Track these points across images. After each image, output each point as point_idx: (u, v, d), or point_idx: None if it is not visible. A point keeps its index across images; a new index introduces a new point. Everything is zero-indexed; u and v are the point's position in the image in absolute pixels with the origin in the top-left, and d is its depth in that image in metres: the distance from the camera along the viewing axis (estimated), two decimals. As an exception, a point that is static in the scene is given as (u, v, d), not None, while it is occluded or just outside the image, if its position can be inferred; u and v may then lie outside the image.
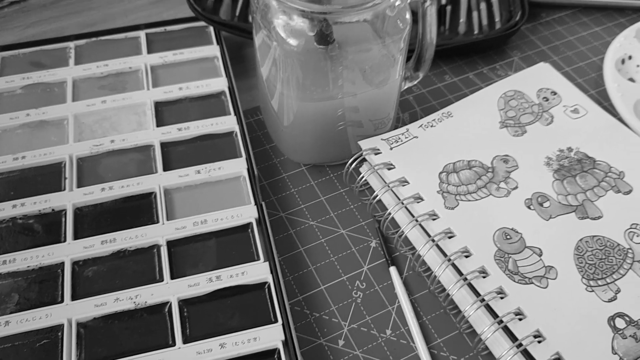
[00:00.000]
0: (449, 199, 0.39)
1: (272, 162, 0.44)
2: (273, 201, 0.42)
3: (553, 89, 0.46)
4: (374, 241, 0.40)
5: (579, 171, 0.41)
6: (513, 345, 0.33)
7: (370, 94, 0.40)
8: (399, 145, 0.42)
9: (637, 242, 0.38)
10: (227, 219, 0.39)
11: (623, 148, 0.43)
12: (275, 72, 0.38)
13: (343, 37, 0.36)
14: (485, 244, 0.37)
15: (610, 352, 0.33)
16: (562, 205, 0.39)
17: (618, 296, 0.36)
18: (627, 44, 0.51)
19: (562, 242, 0.38)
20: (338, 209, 0.42)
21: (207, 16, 0.48)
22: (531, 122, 0.44)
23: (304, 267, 0.39)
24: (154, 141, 0.43)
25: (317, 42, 0.36)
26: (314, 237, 0.40)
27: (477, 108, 0.45)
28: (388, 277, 0.38)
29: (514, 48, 0.52)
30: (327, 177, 0.43)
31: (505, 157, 0.42)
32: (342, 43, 0.36)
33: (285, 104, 0.39)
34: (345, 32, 0.36)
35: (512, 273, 0.36)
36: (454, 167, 0.41)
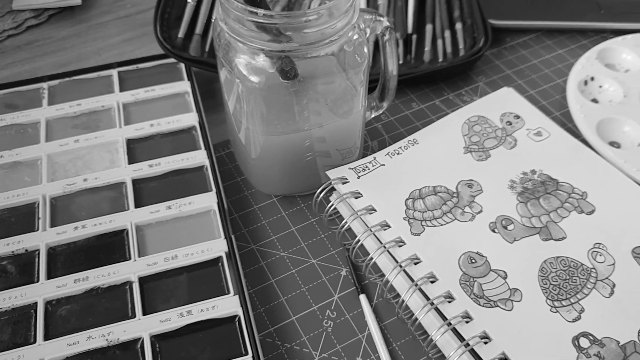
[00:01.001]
0: (415, 225, 0.40)
1: (243, 194, 0.45)
2: (244, 233, 0.42)
3: (516, 113, 0.47)
4: (344, 270, 0.41)
5: (542, 193, 0.42)
6: (481, 368, 0.34)
7: (336, 124, 0.41)
8: (366, 173, 0.43)
9: (600, 261, 0.39)
10: (197, 254, 0.40)
11: (585, 169, 0.44)
12: (239, 107, 0.39)
13: (308, 70, 0.37)
14: (450, 268, 0.38)
15: (575, 372, 0.34)
16: (526, 227, 0.40)
17: (582, 315, 0.36)
18: (589, 65, 0.52)
19: (526, 264, 0.39)
20: (309, 238, 0.42)
21: (176, 53, 0.49)
22: (495, 146, 0.45)
23: (275, 298, 0.39)
24: (125, 178, 0.44)
25: (281, 77, 0.37)
26: (285, 268, 0.41)
27: (441, 134, 0.46)
28: (358, 305, 0.39)
29: (479, 73, 0.54)
30: (298, 207, 0.44)
31: (470, 181, 0.43)
32: (307, 76, 0.38)
33: (252, 137, 0.40)
34: (311, 65, 0.37)
35: (477, 297, 0.37)
36: (419, 193, 0.42)
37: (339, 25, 0.36)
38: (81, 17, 0.60)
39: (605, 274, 0.38)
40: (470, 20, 0.54)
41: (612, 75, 0.51)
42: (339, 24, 0.36)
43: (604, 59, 0.54)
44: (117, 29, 0.58)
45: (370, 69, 0.51)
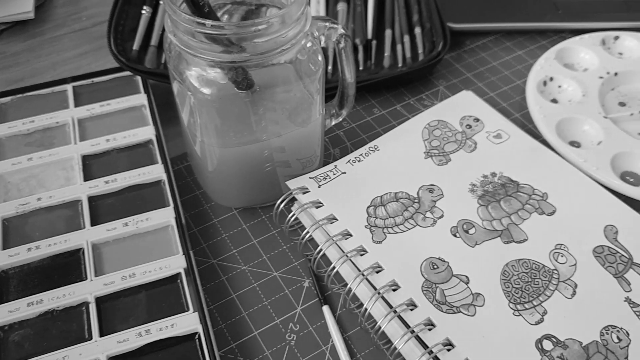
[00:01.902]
0: (377, 233, 0.40)
1: (202, 208, 0.44)
2: (204, 248, 0.42)
3: (476, 116, 0.47)
4: (307, 281, 0.40)
5: (503, 195, 0.42)
6: (445, 376, 0.34)
7: (295, 133, 0.40)
8: (327, 182, 0.42)
9: (562, 262, 0.39)
10: (155, 271, 0.39)
11: (545, 169, 0.44)
12: (193, 120, 0.38)
13: (265, 79, 0.37)
14: (412, 275, 0.38)
15: (538, 375, 0.34)
16: (487, 230, 0.40)
17: (545, 318, 0.36)
18: (547, 66, 0.53)
19: (488, 268, 0.38)
20: (270, 250, 0.42)
21: (131, 66, 0.48)
22: (455, 150, 0.45)
23: (236, 313, 0.38)
24: (81, 196, 0.43)
25: (236, 88, 0.37)
26: (247, 282, 0.40)
27: (402, 140, 0.46)
28: (322, 316, 0.38)
29: (439, 77, 0.54)
30: (259, 219, 0.43)
31: (431, 186, 0.43)
32: (264, 86, 0.37)
33: (208, 150, 0.39)
34: (268, 74, 0.37)
35: (439, 303, 0.36)
36: (381, 200, 0.42)
37: (290, 34, 0.35)
38: (34, 31, 0.58)
39: (567, 275, 0.38)
40: (429, 24, 0.54)
41: (571, 74, 0.52)
42: (291, 32, 0.35)
43: (563, 59, 0.54)
44: (73, 43, 0.57)
45: (325, 76, 0.51)
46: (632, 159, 0.46)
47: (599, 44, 0.54)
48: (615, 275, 0.38)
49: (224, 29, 0.33)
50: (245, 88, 0.37)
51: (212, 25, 0.33)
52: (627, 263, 0.39)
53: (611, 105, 0.51)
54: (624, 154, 0.46)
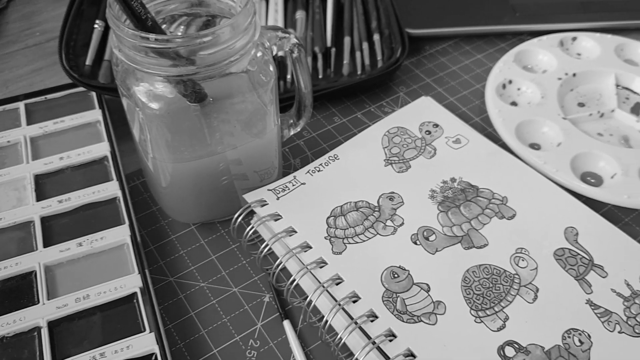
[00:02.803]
0: (337, 244, 0.39)
1: (159, 224, 0.43)
2: (161, 266, 0.41)
3: (435, 122, 0.47)
4: (268, 295, 0.39)
5: (462, 201, 0.42)
6: (406, 387, 0.33)
7: (251, 145, 0.40)
8: (286, 194, 0.42)
9: (522, 266, 0.38)
10: (110, 292, 0.37)
11: (505, 173, 0.44)
12: (143, 136, 0.37)
13: (218, 91, 0.36)
14: (373, 285, 0.37)
15: (501, 383, 0.34)
16: (448, 237, 0.40)
17: (507, 324, 0.36)
18: (506, 69, 0.53)
19: (449, 275, 0.38)
20: (230, 266, 0.41)
21: (84, 81, 0.47)
22: (415, 156, 0.45)
23: (195, 332, 0.37)
24: (33, 217, 0.41)
25: (188, 101, 0.36)
26: (205, 299, 0.39)
27: (362, 148, 0.45)
28: (282, 331, 0.37)
29: (399, 84, 0.53)
30: (217, 233, 0.42)
31: (391, 194, 0.42)
32: (218, 97, 0.36)
33: (160, 166, 0.38)
34: (220, 85, 0.36)
35: (400, 313, 0.36)
36: (341, 210, 0.41)
37: (239, 45, 0.34)
38: (-13, 48, 0.57)
39: (528, 279, 0.38)
40: (388, 31, 0.54)
41: (530, 77, 0.52)
42: (239, 43, 0.34)
43: (522, 61, 0.54)
44: (26, 59, 0.56)
45: (285, 86, 0.50)
46: (592, 160, 0.46)
47: (557, 45, 0.55)
48: (577, 277, 0.38)
49: (169, 43, 0.33)
50: (197, 101, 0.36)
51: (156, 39, 0.32)
52: (587, 265, 0.39)
53: (570, 106, 0.51)
54: (583, 154, 0.46)
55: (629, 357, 0.35)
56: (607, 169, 0.46)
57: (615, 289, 0.38)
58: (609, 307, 0.37)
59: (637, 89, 0.52)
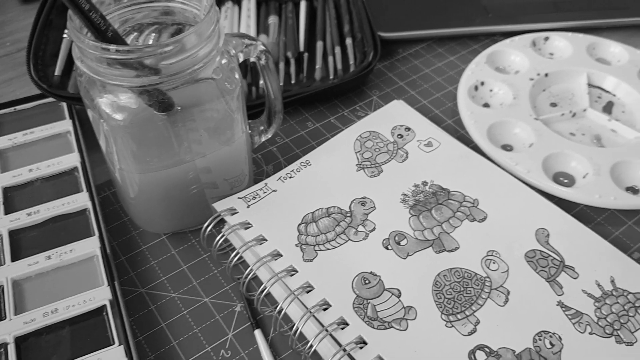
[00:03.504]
0: (308, 251, 0.39)
1: (130, 235, 0.43)
2: (132, 277, 0.40)
3: (407, 125, 0.47)
4: (239, 305, 0.39)
5: (434, 204, 0.42)
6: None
7: (219, 153, 0.39)
8: (257, 201, 0.41)
9: (493, 269, 0.38)
10: (79, 305, 0.37)
11: (476, 175, 0.44)
12: (109, 148, 0.37)
13: (185, 99, 0.36)
14: (343, 292, 0.37)
15: (471, 387, 0.33)
16: (419, 241, 0.40)
17: (478, 328, 0.36)
18: (478, 70, 0.53)
19: (420, 279, 0.38)
20: (201, 276, 0.40)
21: (54, 92, 0.47)
22: (387, 160, 0.45)
23: (166, 343, 0.37)
24: (1, 230, 0.41)
25: (155, 110, 0.36)
26: (176, 310, 0.39)
27: (334, 153, 0.45)
28: (254, 341, 0.37)
29: (372, 87, 0.53)
30: (189, 243, 0.42)
31: (363, 199, 0.42)
32: (185, 105, 0.36)
33: (127, 177, 0.38)
34: (187, 93, 0.36)
35: (371, 319, 0.36)
36: (312, 217, 0.41)
37: (202, 53, 0.34)
38: (-44, 59, 0.57)
39: (499, 282, 0.38)
40: (361, 35, 0.54)
41: (502, 78, 0.52)
42: (202, 51, 0.34)
43: (494, 63, 0.54)
44: (-4, 70, 0.56)
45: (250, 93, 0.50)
46: (564, 160, 0.46)
47: (530, 45, 0.55)
48: (548, 279, 0.38)
49: (131, 53, 0.32)
50: (164, 110, 0.36)
51: (117, 50, 0.32)
52: (559, 266, 0.39)
53: (543, 106, 0.51)
54: (555, 155, 0.46)
55: (599, 358, 0.35)
56: (578, 168, 0.46)
57: (586, 290, 0.38)
58: (580, 308, 0.37)
59: (609, 87, 0.52)
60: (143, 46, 0.33)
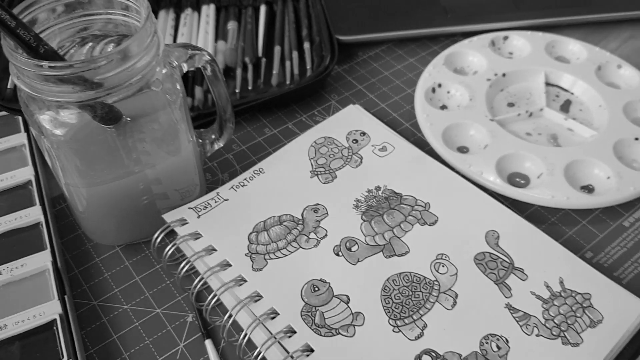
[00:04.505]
0: (258, 260, 0.39)
1: (84, 247, 0.43)
2: (85, 290, 0.40)
3: (362, 130, 0.47)
4: (191, 315, 0.39)
5: (386, 209, 0.42)
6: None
7: (168, 163, 0.39)
8: (208, 211, 0.41)
9: (442, 272, 0.39)
10: (29, 320, 0.37)
11: (428, 179, 0.44)
12: (53, 162, 0.37)
13: (130, 110, 0.36)
14: (292, 301, 0.37)
15: (416, 393, 0.34)
16: (370, 246, 0.40)
17: (425, 332, 0.36)
18: (435, 72, 0.53)
19: (369, 284, 0.38)
20: (154, 287, 0.40)
21: (7, 106, 0.47)
22: (341, 166, 0.45)
23: (117, 355, 0.37)
24: (-47, 246, 0.41)
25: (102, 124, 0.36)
26: (128, 322, 0.39)
27: (288, 160, 0.45)
28: (205, 351, 0.37)
29: (331, 92, 0.53)
30: (142, 254, 0.42)
31: (316, 206, 0.42)
32: (131, 116, 0.36)
33: (74, 192, 0.38)
34: (133, 105, 0.36)
35: (318, 327, 0.36)
36: (264, 226, 0.41)
37: (140, 65, 0.34)
38: None
39: (447, 285, 0.38)
40: (319, 38, 0.54)
41: (458, 79, 0.52)
42: (140, 63, 0.34)
43: (452, 64, 0.54)
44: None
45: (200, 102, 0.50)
46: (519, 160, 0.46)
47: (488, 45, 0.55)
48: (496, 281, 0.38)
49: (64, 69, 0.32)
50: (111, 122, 0.36)
51: (50, 66, 0.32)
52: (508, 268, 0.39)
53: (500, 106, 0.51)
54: (509, 156, 0.46)
55: (546, 359, 0.35)
56: (532, 169, 0.46)
57: (534, 292, 0.38)
58: (528, 310, 0.37)
59: (566, 86, 0.52)
60: (76, 61, 0.33)
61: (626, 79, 0.53)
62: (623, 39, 0.58)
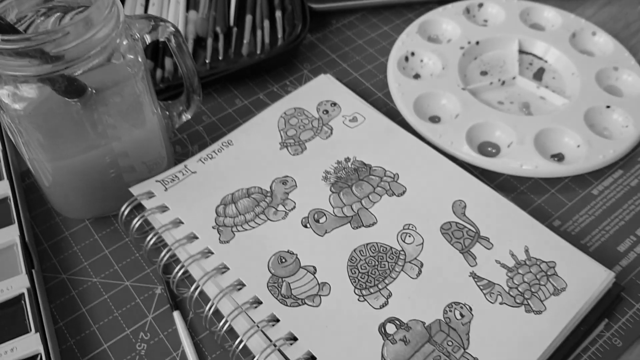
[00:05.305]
0: (225, 233, 0.39)
1: (53, 221, 0.43)
2: (54, 263, 0.40)
3: (333, 100, 0.47)
4: (160, 287, 0.39)
5: (355, 181, 0.42)
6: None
7: (134, 135, 0.39)
8: (175, 184, 0.41)
9: (409, 242, 0.39)
10: (-3, 294, 0.38)
11: (398, 150, 0.44)
12: (15, 138, 0.37)
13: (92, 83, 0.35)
14: (258, 272, 0.37)
15: (380, 360, 0.34)
16: (338, 217, 0.40)
17: (389, 301, 0.36)
18: (409, 40, 0.52)
19: (336, 255, 0.38)
20: (123, 260, 0.41)
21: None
22: (311, 138, 0.44)
23: (86, 328, 0.38)
24: None
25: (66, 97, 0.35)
26: (97, 295, 0.39)
27: (257, 132, 0.45)
28: (173, 322, 0.38)
29: (303, 61, 0.53)
30: (111, 227, 0.42)
31: (285, 178, 0.42)
32: (100, 88, 0.36)
33: (39, 167, 0.38)
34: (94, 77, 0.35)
35: (284, 297, 0.36)
36: (232, 198, 0.41)
37: (99, 37, 0.34)
38: None
39: (413, 255, 0.38)
40: (291, 7, 0.53)
41: (432, 47, 0.51)
42: (98, 35, 0.34)
43: (426, 32, 0.54)
44: None
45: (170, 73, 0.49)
46: (489, 130, 0.46)
47: (463, 12, 0.54)
48: (462, 250, 0.38)
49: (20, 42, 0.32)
50: (75, 95, 0.35)
51: (3, 39, 0.31)
52: (473, 237, 0.39)
53: (473, 75, 0.51)
54: (480, 125, 0.46)
55: (508, 328, 0.35)
56: (503, 138, 0.46)
57: (499, 260, 0.38)
58: (492, 278, 0.37)
59: (540, 53, 0.52)
60: (32, 34, 0.32)
61: (600, 46, 0.52)
62: (599, 5, 0.58)
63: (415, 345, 0.34)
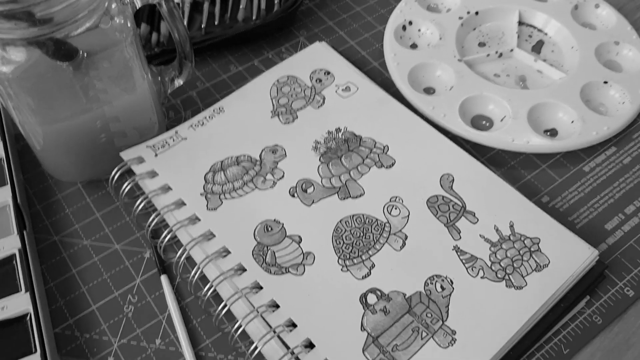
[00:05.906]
0: (213, 200, 0.40)
1: (46, 183, 0.43)
2: (46, 225, 0.41)
3: (327, 69, 0.46)
4: (149, 252, 0.40)
5: (344, 151, 0.42)
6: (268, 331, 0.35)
7: (125, 100, 0.39)
8: (165, 150, 0.42)
9: (395, 214, 0.39)
10: (-11, 254, 0.38)
11: (390, 121, 0.44)
12: (4, 101, 0.37)
13: (85, 46, 0.35)
14: (244, 240, 0.38)
15: (359, 329, 0.35)
16: (326, 188, 0.40)
17: (372, 272, 0.37)
18: (407, 9, 0.51)
19: (322, 226, 0.39)
20: (113, 223, 0.41)
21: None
22: (303, 107, 0.44)
23: (75, 289, 0.38)
24: None
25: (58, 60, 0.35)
26: (88, 257, 0.40)
27: (249, 99, 0.45)
28: (161, 286, 0.39)
29: (300, 27, 0.52)
30: (103, 191, 0.43)
31: (274, 147, 0.42)
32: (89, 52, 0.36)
33: (29, 130, 0.38)
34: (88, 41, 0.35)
35: (269, 265, 0.37)
36: (221, 165, 0.41)
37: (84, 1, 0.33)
38: None
39: (398, 227, 0.39)
40: (289, -28, 0.52)
41: (430, 17, 0.51)
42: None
43: (426, 1, 0.53)
44: None
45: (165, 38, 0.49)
46: (483, 103, 0.46)
47: (465, -19, 0.53)
48: (447, 224, 0.39)
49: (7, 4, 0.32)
50: (67, 58, 0.35)
51: (-12, 2, 0.31)
52: (459, 211, 0.39)
53: (471, 46, 0.50)
54: (474, 98, 0.46)
55: (488, 302, 0.36)
56: (496, 111, 0.45)
57: (484, 235, 0.38)
58: (476, 253, 0.38)
59: (540, 25, 0.51)
60: (16, -3, 0.32)
61: (602, 19, 0.51)
62: (606, -24, 0.56)
63: (395, 315, 0.35)
